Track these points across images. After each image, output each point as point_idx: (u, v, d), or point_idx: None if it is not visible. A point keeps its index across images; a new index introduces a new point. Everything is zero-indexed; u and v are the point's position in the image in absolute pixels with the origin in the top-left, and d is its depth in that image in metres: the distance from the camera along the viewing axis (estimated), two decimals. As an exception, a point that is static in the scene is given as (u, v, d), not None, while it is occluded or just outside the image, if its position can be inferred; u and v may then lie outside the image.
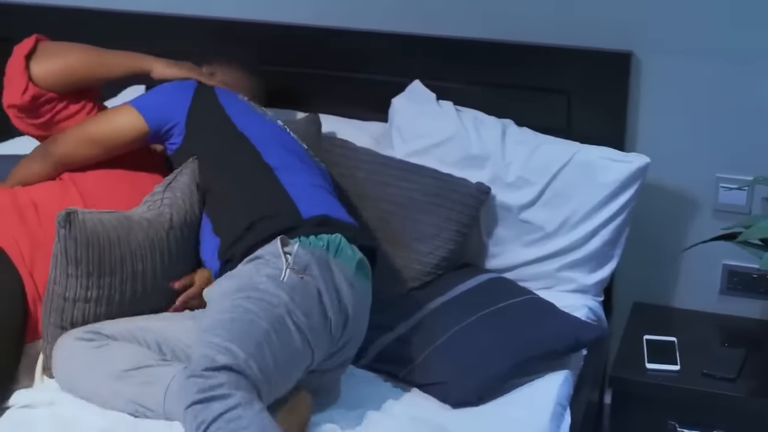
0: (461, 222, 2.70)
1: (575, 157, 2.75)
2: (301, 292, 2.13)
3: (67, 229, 2.26)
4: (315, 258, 2.18)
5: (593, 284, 2.78)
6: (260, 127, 2.53)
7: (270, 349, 2.03)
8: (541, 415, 2.27)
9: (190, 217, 2.45)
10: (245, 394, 1.91)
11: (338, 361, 2.25)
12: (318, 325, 2.13)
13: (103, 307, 2.31)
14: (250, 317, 2.05)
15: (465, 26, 2.93)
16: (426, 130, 2.85)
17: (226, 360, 1.95)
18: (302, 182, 2.42)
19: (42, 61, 2.57)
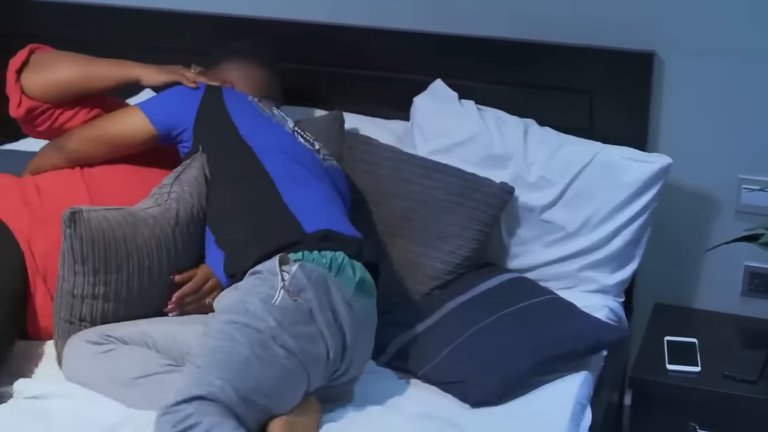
0: (484, 222, 2.70)
1: (597, 157, 2.74)
2: (292, 315, 2.13)
3: (72, 228, 2.28)
4: (311, 282, 2.17)
5: (614, 285, 2.77)
6: (266, 136, 2.51)
7: (250, 374, 2.05)
8: (561, 415, 2.27)
9: (197, 212, 2.46)
10: (215, 418, 1.95)
11: (344, 380, 2.25)
12: (310, 349, 2.13)
13: (110, 303, 2.33)
14: (231, 345, 2.07)
15: (488, 25, 2.93)
16: (448, 129, 2.85)
17: (199, 390, 1.99)
18: (306, 195, 2.40)
19: (33, 75, 2.59)
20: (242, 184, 2.42)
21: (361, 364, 2.28)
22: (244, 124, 2.52)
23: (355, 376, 2.28)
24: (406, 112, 2.96)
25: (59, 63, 2.61)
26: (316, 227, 2.31)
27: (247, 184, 2.41)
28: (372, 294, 2.31)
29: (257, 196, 2.39)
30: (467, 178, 2.73)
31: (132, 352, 2.24)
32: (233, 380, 2.02)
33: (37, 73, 2.59)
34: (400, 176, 2.74)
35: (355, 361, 2.24)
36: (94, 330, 2.30)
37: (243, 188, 2.41)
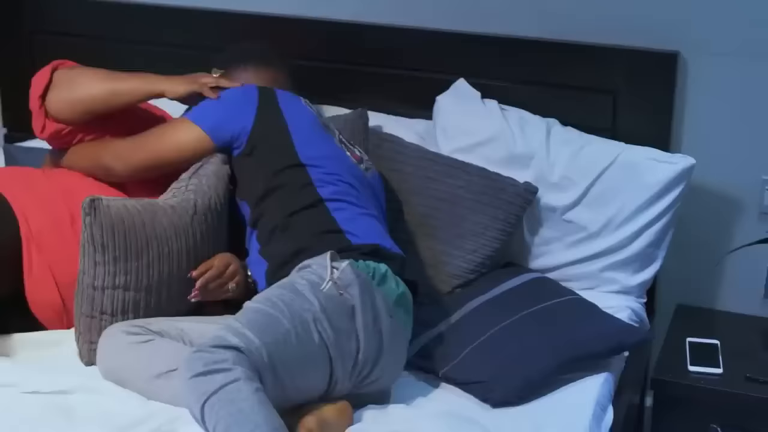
0: (507, 221, 2.70)
1: (620, 158, 2.74)
2: (336, 306, 2.15)
3: (92, 215, 2.29)
4: (359, 280, 2.20)
5: (636, 285, 2.76)
6: (319, 148, 2.50)
7: (286, 347, 2.06)
8: (582, 415, 2.26)
9: (215, 203, 2.47)
10: (246, 371, 1.96)
11: (373, 388, 2.24)
12: (343, 344, 2.14)
13: (131, 292, 2.34)
14: (275, 314, 2.09)
15: (511, 24, 2.92)
16: (470, 128, 2.85)
17: (237, 342, 2.00)
18: (353, 210, 2.42)
19: (56, 96, 2.57)
20: (292, 201, 2.41)
21: (392, 375, 2.29)
22: (298, 133, 2.49)
23: (387, 387, 2.28)
24: (428, 110, 2.96)
25: (81, 81, 2.58)
26: (362, 241, 2.34)
27: (297, 201, 2.40)
28: (410, 312, 2.33)
29: (307, 215, 2.38)
30: (492, 177, 2.73)
31: (169, 344, 2.25)
32: (270, 345, 2.03)
33: (60, 93, 2.57)
34: (424, 174, 2.75)
35: (387, 371, 2.25)
36: (132, 322, 2.31)
37: (293, 205, 2.40)
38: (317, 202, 2.40)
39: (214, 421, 1.93)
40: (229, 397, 1.92)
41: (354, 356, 2.16)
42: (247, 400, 1.92)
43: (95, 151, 2.60)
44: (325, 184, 2.43)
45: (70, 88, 2.56)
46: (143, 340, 2.25)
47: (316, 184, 2.43)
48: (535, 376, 2.32)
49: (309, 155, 2.47)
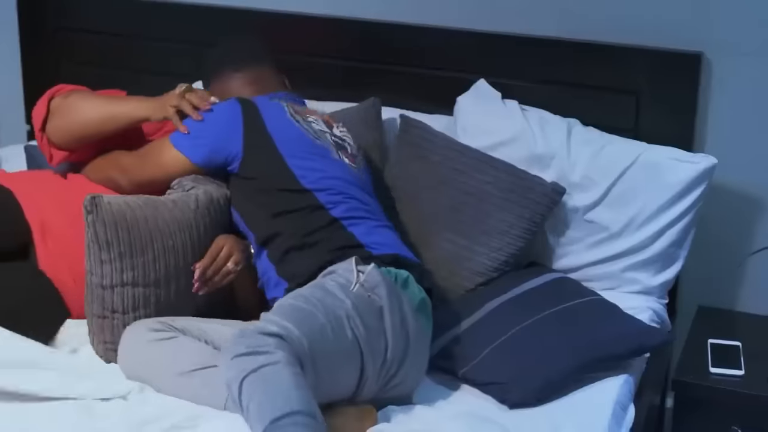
0: (533, 221, 2.69)
1: (641, 157, 2.73)
2: (366, 306, 2.17)
3: (94, 213, 2.30)
4: (386, 281, 2.22)
5: (658, 286, 2.75)
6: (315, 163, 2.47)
7: (323, 340, 2.07)
8: (602, 415, 2.26)
9: (216, 197, 2.47)
10: (288, 356, 1.97)
11: (397, 392, 2.25)
12: (374, 342, 2.16)
13: (140, 288, 2.34)
14: (310, 309, 2.10)
15: (533, 24, 2.92)
16: (491, 129, 2.84)
17: (278, 330, 2.01)
18: (368, 224, 2.42)
19: (54, 126, 2.61)
20: (306, 223, 2.39)
21: (415, 380, 2.29)
22: (292, 156, 2.46)
23: (409, 391, 2.29)
24: (448, 109, 2.96)
25: (74, 109, 2.60)
26: (382, 252, 2.35)
27: (311, 222, 2.39)
28: (430, 318, 2.34)
29: (325, 234, 2.38)
30: (520, 175, 2.72)
31: (192, 343, 2.25)
32: (309, 336, 2.04)
33: (56, 122, 2.61)
34: (452, 165, 2.74)
35: (411, 374, 2.25)
36: (156, 319, 2.31)
37: (307, 226, 2.39)
38: (332, 221, 2.40)
39: (248, 397, 1.94)
40: (267, 377, 1.94)
41: (383, 355, 2.17)
42: (285, 383, 1.93)
43: (105, 167, 2.62)
44: (336, 205, 2.43)
45: (64, 117, 2.60)
46: (167, 337, 2.25)
47: (327, 206, 2.42)
48: (555, 377, 2.32)
49: (310, 179, 2.44)
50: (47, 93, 2.66)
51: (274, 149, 2.46)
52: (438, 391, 2.34)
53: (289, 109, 2.56)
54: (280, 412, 1.90)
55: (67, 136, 2.60)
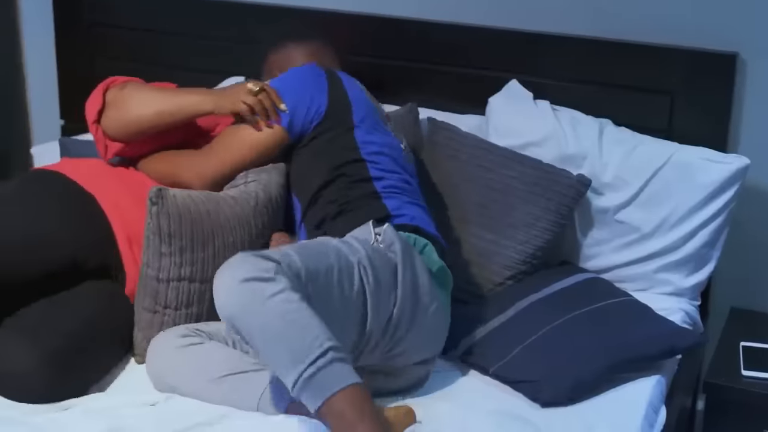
0: (559, 213, 2.69)
1: (673, 158, 2.72)
2: (381, 260, 2.18)
3: (159, 204, 2.29)
4: (400, 240, 2.23)
5: (690, 287, 2.74)
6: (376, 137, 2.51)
7: (327, 279, 2.07)
8: (634, 416, 2.25)
9: (275, 195, 2.47)
10: (288, 282, 1.95)
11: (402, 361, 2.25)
12: (383, 296, 2.16)
13: (196, 284, 2.33)
14: (323, 249, 2.12)
15: (567, 23, 2.91)
16: (522, 129, 2.85)
17: (280, 258, 1.99)
18: (403, 199, 2.44)
19: (109, 118, 2.56)
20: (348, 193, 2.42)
21: (425, 351, 2.29)
22: (361, 125, 2.50)
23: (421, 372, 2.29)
24: (479, 108, 2.95)
25: (131, 101, 2.54)
26: (404, 222, 2.37)
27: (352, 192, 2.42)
28: (448, 287, 2.34)
29: (360, 204, 2.40)
30: (545, 169, 2.73)
31: (221, 348, 2.23)
32: (311, 271, 2.03)
33: (112, 114, 2.56)
34: (478, 163, 2.75)
35: (421, 343, 2.25)
36: (184, 326, 2.30)
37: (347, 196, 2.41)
38: (372, 193, 2.42)
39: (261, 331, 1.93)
40: (278, 308, 1.92)
41: (390, 311, 2.17)
42: (298, 311, 1.92)
43: (170, 167, 2.56)
44: (381, 179, 2.45)
45: (121, 110, 2.54)
46: (195, 342, 2.24)
47: (373, 179, 2.45)
48: (587, 376, 2.31)
49: (369, 150, 2.48)
50: (102, 84, 2.62)
51: (349, 114, 2.50)
52: (469, 388, 2.33)
53: (361, 86, 2.62)
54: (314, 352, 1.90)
55: (124, 129, 2.55)
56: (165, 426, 2.06)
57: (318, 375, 1.90)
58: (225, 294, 1.96)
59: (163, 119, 2.53)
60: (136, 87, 2.58)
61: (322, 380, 1.90)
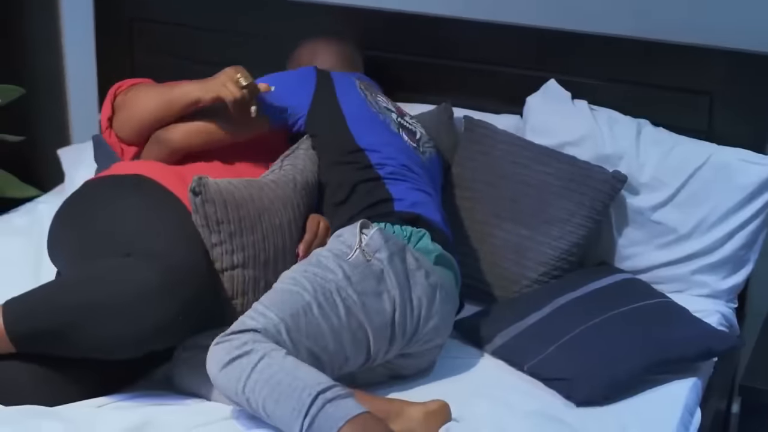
0: (594, 209, 2.69)
1: (711, 159, 2.71)
2: (362, 272, 2.19)
3: (202, 194, 2.27)
4: (388, 244, 2.24)
5: (727, 289, 2.73)
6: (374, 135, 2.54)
7: (307, 319, 2.11)
8: (670, 419, 2.25)
9: (311, 181, 2.48)
10: (266, 345, 2.01)
11: (422, 347, 2.28)
12: (374, 307, 2.18)
13: (249, 270, 2.30)
14: (296, 289, 2.15)
15: (606, 22, 2.90)
16: (559, 128, 2.84)
17: (255, 324, 2.06)
18: (407, 185, 2.47)
19: (119, 122, 2.62)
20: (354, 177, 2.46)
21: (440, 333, 2.31)
22: (353, 120, 2.54)
23: (434, 345, 2.32)
24: (517, 108, 2.95)
25: (134, 101, 2.59)
26: (406, 209, 2.40)
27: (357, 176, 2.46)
28: (453, 268, 2.36)
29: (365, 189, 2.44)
30: (580, 165, 2.73)
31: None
32: (288, 320, 2.09)
33: (121, 118, 2.61)
34: (513, 159, 2.76)
35: (431, 329, 2.27)
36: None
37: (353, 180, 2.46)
38: (376, 178, 2.46)
39: (260, 402, 1.97)
40: (263, 376, 1.97)
41: (389, 317, 2.19)
42: (281, 371, 1.98)
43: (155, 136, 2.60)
44: (384, 166, 2.49)
45: (128, 111, 2.60)
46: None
47: (375, 166, 2.48)
48: (622, 376, 2.31)
49: (367, 141, 2.51)
50: (110, 91, 2.68)
51: (338, 111, 2.54)
52: (504, 385, 2.34)
53: (358, 83, 2.65)
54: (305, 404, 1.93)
55: (131, 130, 2.60)
56: (192, 419, 2.08)
57: (315, 424, 1.93)
58: (217, 385, 2.05)
59: (162, 114, 2.56)
60: (138, 89, 2.64)
61: (320, 427, 1.93)
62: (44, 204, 3.08)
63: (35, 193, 3.19)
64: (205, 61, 3.32)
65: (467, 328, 2.53)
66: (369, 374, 2.29)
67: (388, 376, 2.32)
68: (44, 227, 2.70)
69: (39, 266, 2.70)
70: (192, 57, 3.36)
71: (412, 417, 2.09)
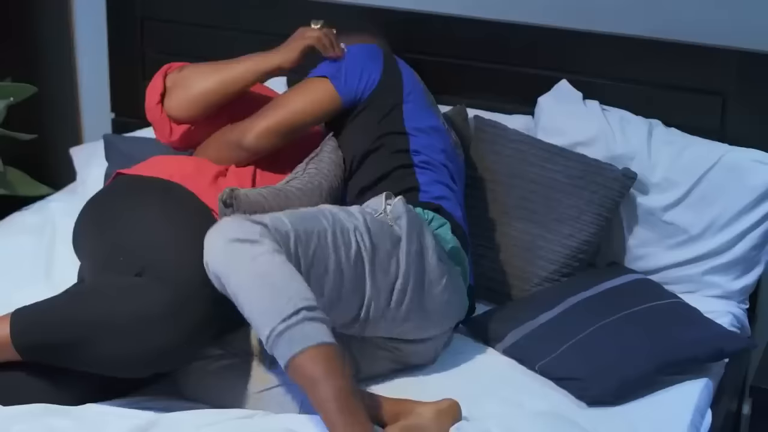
0: (604, 206, 2.69)
1: (723, 159, 2.71)
2: (380, 229, 2.22)
3: (234, 206, 2.27)
4: (409, 213, 2.26)
5: (738, 290, 2.73)
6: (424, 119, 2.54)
7: (320, 241, 2.13)
8: (681, 420, 2.25)
9: (336, 186, 2.48)
10: (273, 244, 2.04)
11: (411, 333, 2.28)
12: (382, 259, 2.19)
13: None
14: (317, 214, 2.18)
15: (618, 22, 2.90)
16: (571, 129, 2.84)
17: (269, 221, 2.08)
18: (434, 176, 2.47)
19: (174, 100, 2.56)
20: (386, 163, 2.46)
21: (439, 320, 2.32)
22: (410, 103, 2.53)
23: (436, 334, 2.33)
24: (528, 107, 2.95)
25: (194, 78, 2.56)
26: (428, 200, 2.40)
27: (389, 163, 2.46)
28: (462, 266, 2.37)
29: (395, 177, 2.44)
30: (589, 162, 2.73)
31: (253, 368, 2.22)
32: (300, 233, 2.10)
33: (177, 95, 2.56)
34: (522, 158, 2.76)
35: (433, 312, 2.28)
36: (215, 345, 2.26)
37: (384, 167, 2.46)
38: (406, 166, 2.46)
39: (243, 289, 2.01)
40: (259, 269, 2.00)
41: (392, 281, 2.20)
42: (278, 273, 2.00)
43: (221, 135, 2.57)
44: (419, 153, 2.49)
45: (185, 88, 2.56)
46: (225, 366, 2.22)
47: (411, 151, 2.48)
48: (633, 377, 2.31)
49: (413, 126, 2.51)
50: (160, 71, 2.64)
51: (400, 90, 2.52)
52: (515, 384, 2.34)
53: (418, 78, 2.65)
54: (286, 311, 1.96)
55: (192, 106, 2.55)
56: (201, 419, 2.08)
57: (287, 332, 1.96)
58: (213, 252, 2.06)
59: (228, 88, 2.55)
60: (194, 66, 2.61)
61: (291, 338, 1.96)
62: (56, 202, 3.09)
63: (47, 191, 3.20)
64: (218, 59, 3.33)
65: (478, 327, 2.53)
66: (372, 362, 2.29)
67: (391, 363, 2.32)
68: (56, 225, 2.73)
69: (51, 264, 2.71)
70: (204, 56, 3.34)
71: (424, 415, 2.09)
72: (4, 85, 3.13)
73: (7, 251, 2.79)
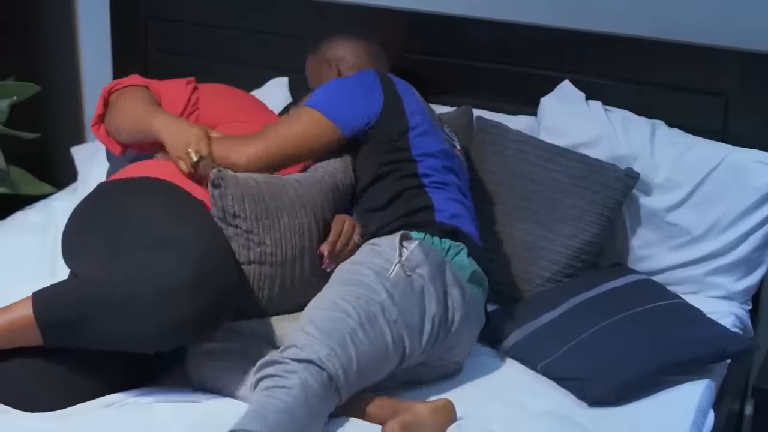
0: (606, 206, 2.69)
1: (726, 160, 2.71)
2: (403, 290, 2.19)
3: (221, 187, 2.27)
4: (428, 259, 2.24)
5: (741, 291, 2.73)
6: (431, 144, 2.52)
7: (355, 345, 2.10)
8: (683, 420, 2.25)
9: (341, 183, 2.46)
10: (307, 381, 2.01)
11: (446, 362, 2.30)
12: (415, 323, 2.19)
13: (266, 267, 2.29)
14: (341, 315, 2.13)
15: (620, 23, 2.90)
16: (574, 129, 2.84)
17: (307, 355, 2.05)
18: (448, 194, 2.47)
19: (107, 122, 2.61)
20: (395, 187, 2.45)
21: (465, 349, 2.34)
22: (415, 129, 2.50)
23: (459, 360, 2.34)
24: (530, 107, 2.95)
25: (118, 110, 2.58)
26: (446, 221, 2.39)
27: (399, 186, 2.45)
28: (483, 285, 2.37)
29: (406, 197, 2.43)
30: (591, 162, 2.73)
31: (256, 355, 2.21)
32: (338, 350, 2.07)
33: (108, 118, 2.61)
34: (524, 158, 2.76)
35: (460, 345, 2.30)
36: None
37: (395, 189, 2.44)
38: (418, 187, 2.45)
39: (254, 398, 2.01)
40: (274, 394, 1.99)
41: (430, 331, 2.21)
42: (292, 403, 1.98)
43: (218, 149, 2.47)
44: (429, 176, 2.47)
45: (112, 116, 2.60)
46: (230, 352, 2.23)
47: (420, 175, 2.47)
48: (635, 377, 2.31)
49: (421, 152, 2.49)
50: (105, 89, 2.66)
51: (403, 117, 2.50)
52: (516, 385, 2.34)
53: (415, 90, 2.62)
54: None
55: (114, 135, 2.61)
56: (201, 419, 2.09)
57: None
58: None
59: (135, 137, 2.56)
60: (127, 96, 2.61)
61: None
62: (59, 201, 3.09)
63: (50, 190, 3.21)
64: (221, 59, 3.34)
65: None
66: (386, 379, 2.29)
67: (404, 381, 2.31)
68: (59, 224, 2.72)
69: (54, 262, 2.71)
70: (207, 56, 3.37)
71: (421, 413, 2.12)
72: (8, 84, 3.13)
73: (11, 250, 2.80)
